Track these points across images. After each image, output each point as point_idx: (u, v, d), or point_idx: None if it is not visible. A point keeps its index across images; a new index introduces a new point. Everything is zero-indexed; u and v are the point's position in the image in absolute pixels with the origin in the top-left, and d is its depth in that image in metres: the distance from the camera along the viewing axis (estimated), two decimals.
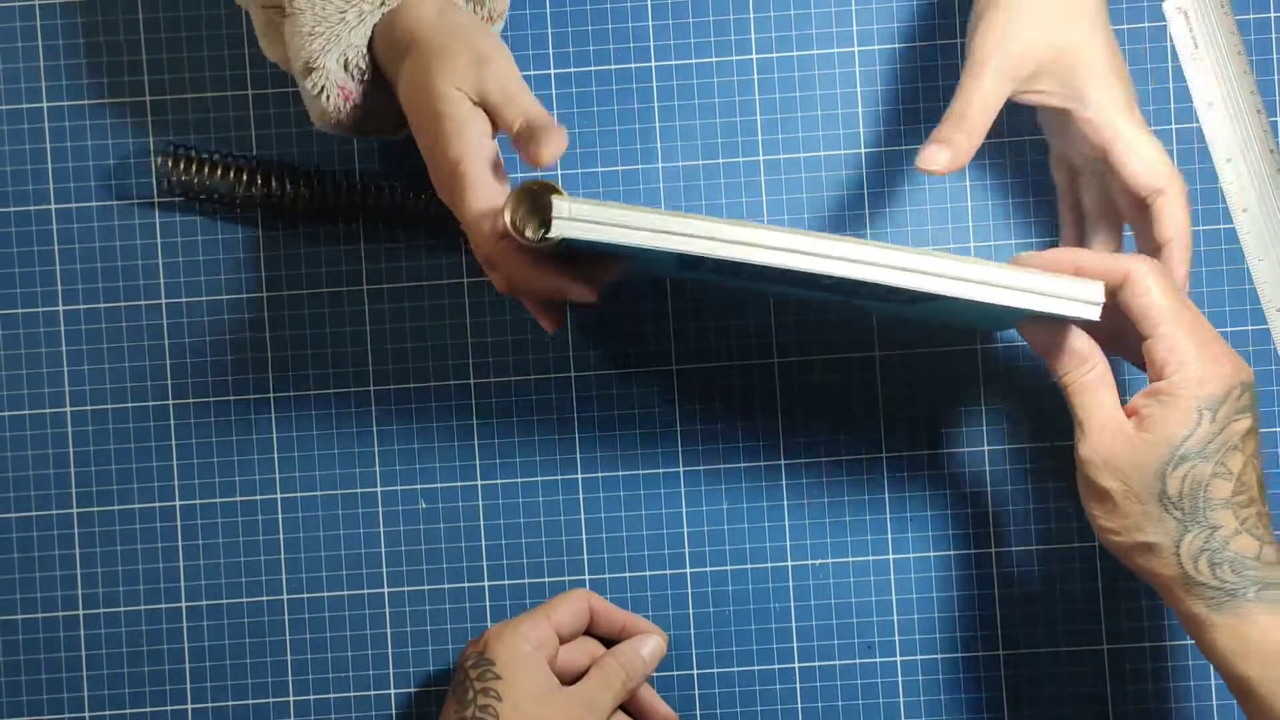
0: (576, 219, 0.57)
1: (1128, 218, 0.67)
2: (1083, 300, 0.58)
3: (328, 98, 0.64)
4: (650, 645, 0.69)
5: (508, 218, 0.58)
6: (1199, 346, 0.58)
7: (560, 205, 0.57)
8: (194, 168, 0.70)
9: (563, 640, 0.69)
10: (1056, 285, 0.58)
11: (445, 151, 0.60)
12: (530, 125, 0.59)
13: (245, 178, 0.71)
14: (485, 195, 0.60)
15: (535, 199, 0.59)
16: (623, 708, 0.70)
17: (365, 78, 0.64)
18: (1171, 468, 0.57)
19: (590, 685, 0.67)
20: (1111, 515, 0.59)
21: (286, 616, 0.73)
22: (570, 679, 0.68)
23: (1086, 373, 0.60)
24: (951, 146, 0.61)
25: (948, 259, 0.57)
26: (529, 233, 0.59)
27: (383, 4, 0.63)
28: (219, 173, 0.70)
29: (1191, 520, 0.57)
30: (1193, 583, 0.57)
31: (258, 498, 0.73)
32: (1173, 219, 0.64)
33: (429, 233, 0.72)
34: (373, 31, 0.64)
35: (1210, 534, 0.57)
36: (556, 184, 0.59)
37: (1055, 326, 0.61)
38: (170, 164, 0.70)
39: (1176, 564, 0.58)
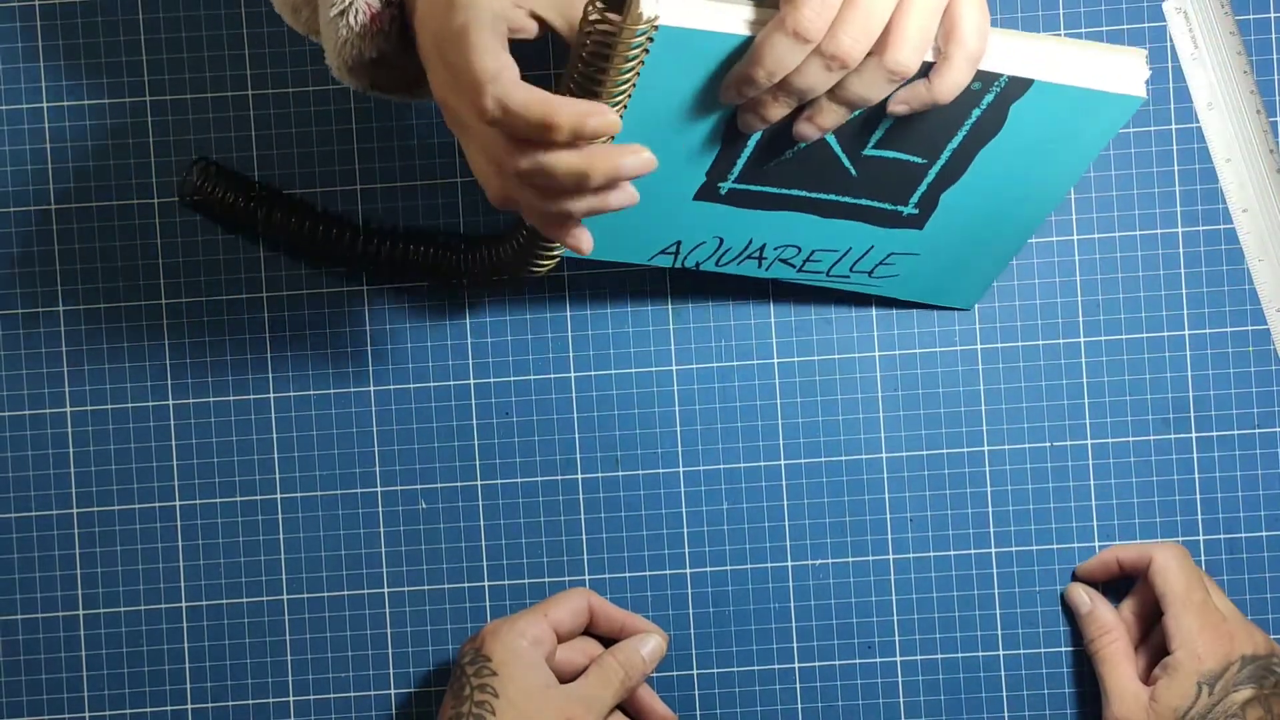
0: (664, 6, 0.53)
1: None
2: (1128, 74, 0.59)
3: (355, 15, 0.59)
4: (650, 645, 0.69)
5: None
6: (1201, 626, 0.67)
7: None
8: (223, 187, 0.70)
9: (561, 639, 0.69)
10: (1101, 59, 0.59)
11: (452, 20, 0.53)
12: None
13: (268, 210, 0.71)
14: (491, 52, 0.53)
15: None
16: (621, 708, 0.70)
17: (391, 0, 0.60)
18: None
19: (588, 683, 0.67)
20: None
21: (286, 616, 0.73)
22: (568, 678, 0.68)
23: (1110, 643, 0.70)
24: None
25: (1005, 35, 0.59)
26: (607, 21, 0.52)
27: None
28: (247, 199, 0.70)
29: None
30: None
31: (258, 498, 0.73)
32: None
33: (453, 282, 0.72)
34: None
35: None
36: None
37: (1089, 594, 0.72)
38: (199, 177, 0.70)
39: None
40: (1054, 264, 0.73)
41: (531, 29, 0.56)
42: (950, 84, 0.57)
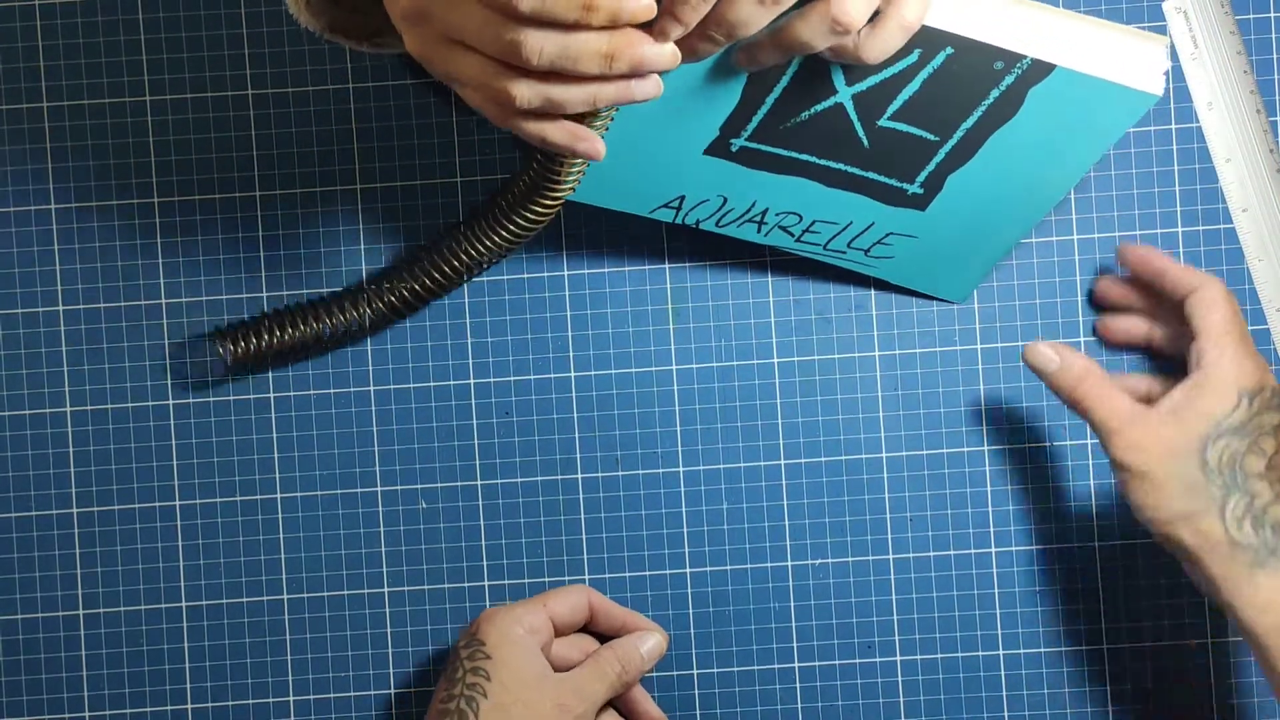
0: None
1: None
2: (1146, 67, 0.60)
3: None
4: (650, 643, 0.69)
5: None
6: (1241, 349, 0.64)
7: None
8: (253, 342, 0.70)
9: (558, 632, 0.69)
10: (1121, 44, 0.59)
11: None
12: None
13: (297, 328, 0.70)
14: None
15: None
16: (615, 707, 0.70)
17: None
18: (1213, 440, 0.63)
19: (583, 674, 0.67)
20: (1154, 494, 0.63)
21: (286, 616, 0.73)
22: (563, 672, 0.68)
23: (1093, 383, 0.65)
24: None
25: (1030, 7, 0.59)
26: None
27: None
28: (279, 335, 0.70)
29: (1232, 488, 0.62)
30: (1236, 545, 0.62)
31: (258, 498, 0.73)
32: None
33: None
34: None
35: (1251, 500, 0.62)
36: None
37: (1053, 348, 0.66)
38: (230, 346, 0.70)
39: (1221, 528, 0.62)
40: (1054, 264, 0.73)
41: None
42: (878, 48, 0.56)
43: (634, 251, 0.73)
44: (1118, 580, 0.73)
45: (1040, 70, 0.60)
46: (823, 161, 0.65)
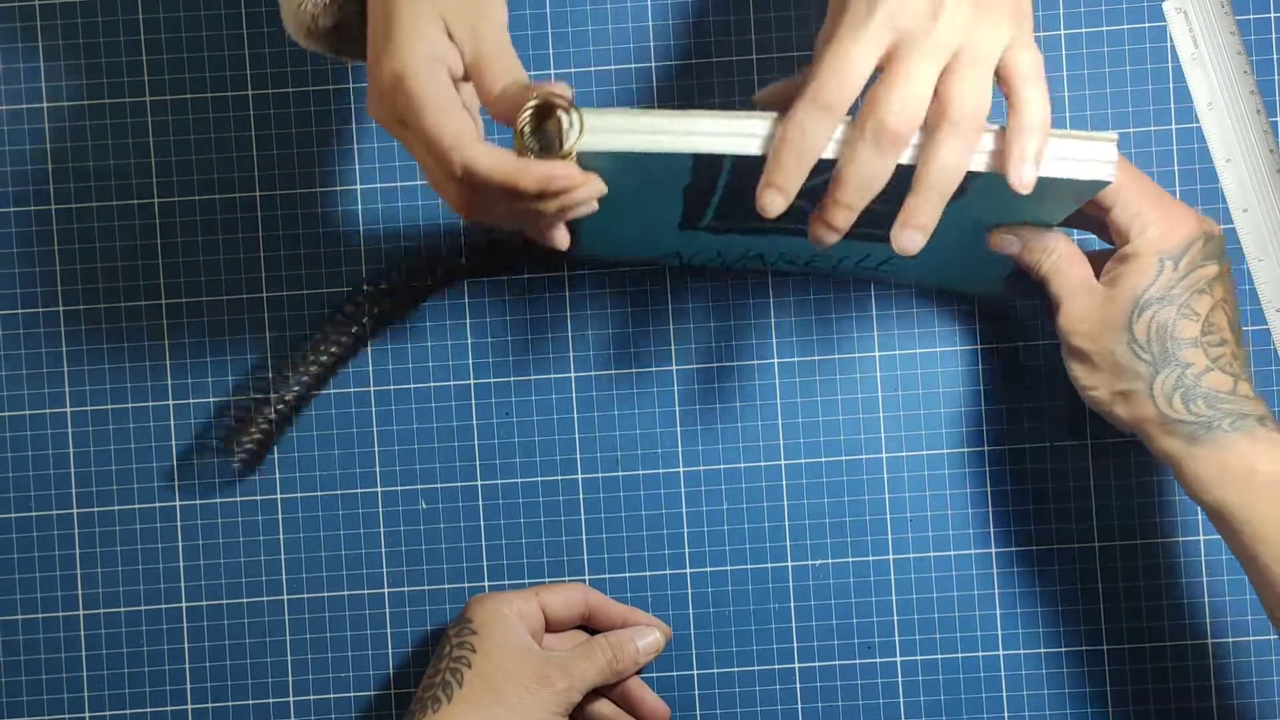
0: (596, 130, 0.55)
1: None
2: (1099, 160, 0.58)
3: None
4: (649, 638, 0.70)
5: (521, 129, 0.54)
6: (1158, 210, 0.61)
7: (573, 119, 0.54)
8: (253, 423, 0.71)
9: (552, 626, 0.69)
10: (1074, 148, 0.58)
11: (390, 59, 0.53)
12: (520, 88, 0.54)
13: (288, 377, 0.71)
14: (445, 109, 0.53)
15: (537, 116, 0.54)
16: (613, 700, 0.70)
17: None
18: (1136, 315, 0.61)
19: (572, 654, 0.67)
20: (1091, 373, 0.63)
21: (286, 616, 0.73)
22: None
23: (1057, 258, 0.64)
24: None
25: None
26: (531, 148, 0.54)
27: None
28: (272, 407, 0.71)
29: (1162, 362, 0.61)
30: (1169, 420, 0.61)
31: (258, 498, 0.73)
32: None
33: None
34: None
35: (1181, 372, 0.61)
36: (563, 94, 0.54)
37: (1020, 228, 0.64)
38: (233, 437, 0.71)
39: (1153, 405, 0.61)
40: None
41: (459, 68, 0.55)
42: (936, 164, 0.55)
43: None
44: (1118, 580, 0.73)
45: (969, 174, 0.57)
46: (796, 225, 0.63)
